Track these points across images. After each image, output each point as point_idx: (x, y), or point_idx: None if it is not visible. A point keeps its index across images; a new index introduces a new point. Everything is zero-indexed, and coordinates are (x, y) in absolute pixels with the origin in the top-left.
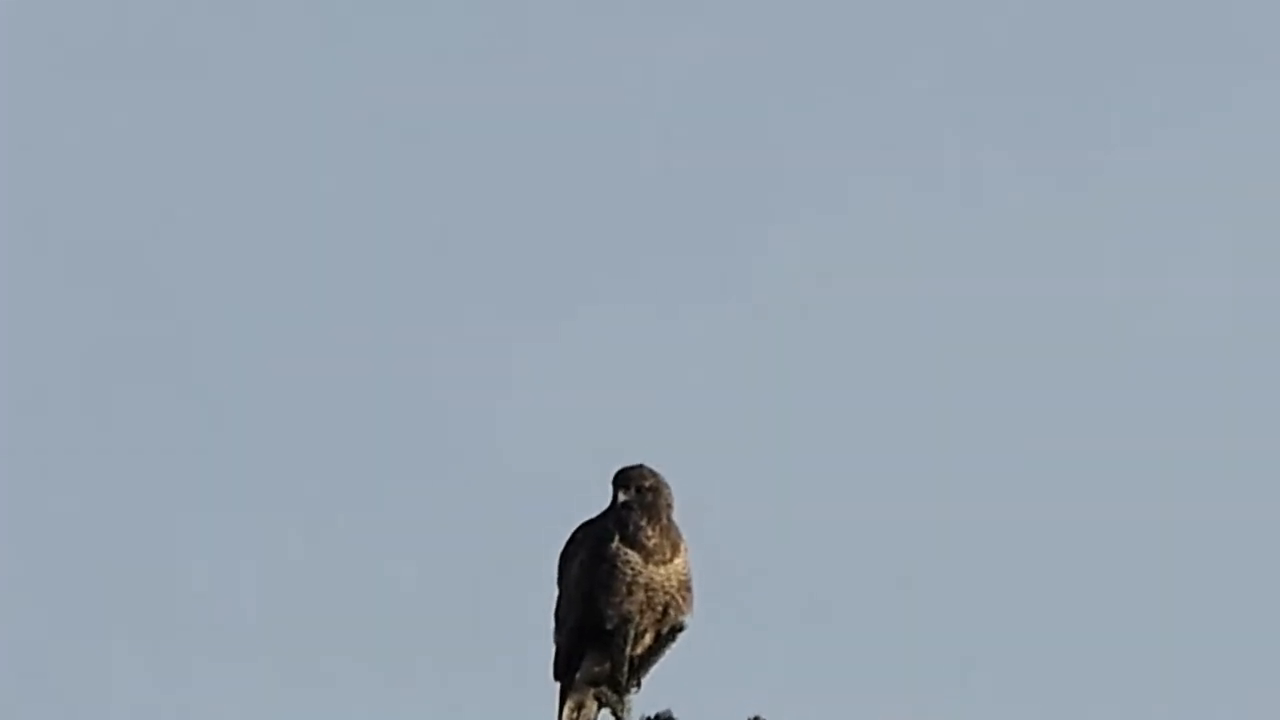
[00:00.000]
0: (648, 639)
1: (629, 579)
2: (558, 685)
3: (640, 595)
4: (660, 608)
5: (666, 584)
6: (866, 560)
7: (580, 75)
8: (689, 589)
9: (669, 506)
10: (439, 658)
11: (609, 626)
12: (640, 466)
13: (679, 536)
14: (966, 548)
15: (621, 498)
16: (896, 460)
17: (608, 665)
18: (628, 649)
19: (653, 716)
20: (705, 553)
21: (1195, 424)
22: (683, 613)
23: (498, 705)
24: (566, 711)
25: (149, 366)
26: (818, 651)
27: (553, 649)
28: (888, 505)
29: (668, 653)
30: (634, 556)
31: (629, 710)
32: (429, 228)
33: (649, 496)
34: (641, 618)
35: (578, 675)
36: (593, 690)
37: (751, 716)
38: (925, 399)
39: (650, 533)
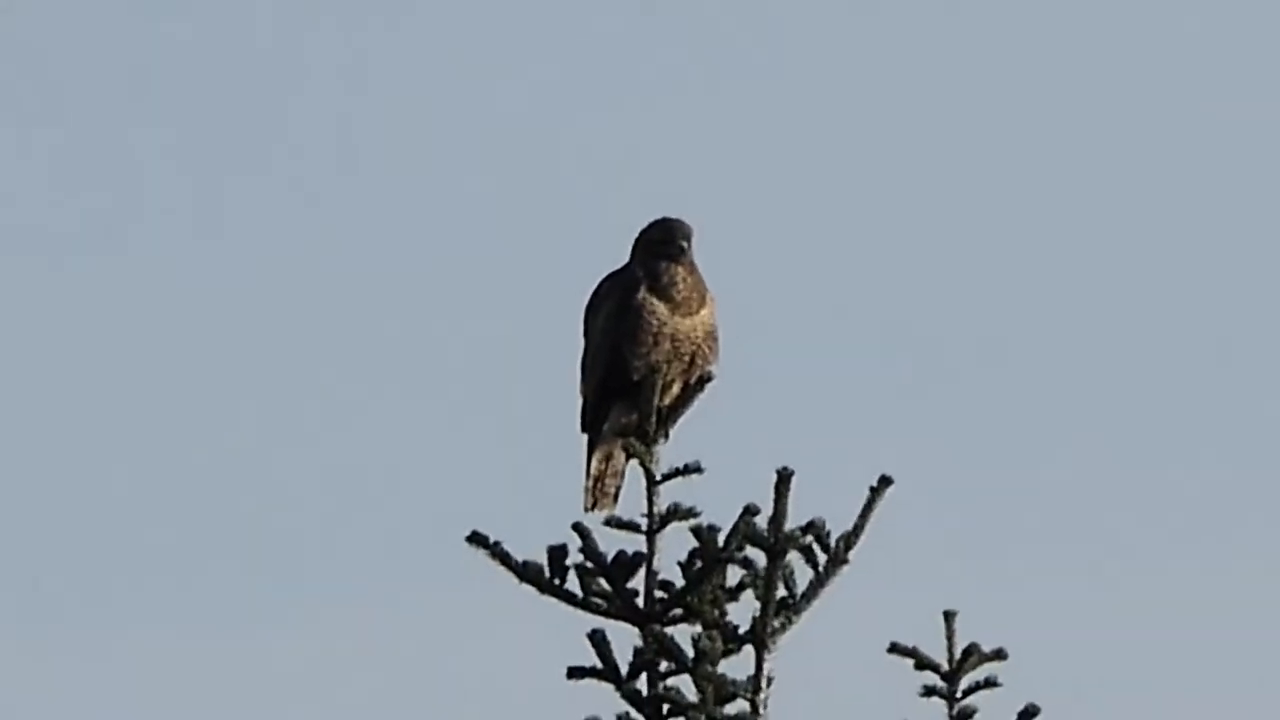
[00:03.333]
0: (675, 389)
1: (655, 329)
2: (585, 437)
3: (666, 345)
4: (687, 358)
5: (693, 334)
6: (884, 310)
7: None
8: (715, 339)
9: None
10: (468, 410)
11: (636, 377)
12: (682, 220)
13: (705, 288)
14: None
15: (685, 248)
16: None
17: (635, 416)
18: (655, 399)
19: (681, 467)
20: (728, 304)
21: None
22: (709, 362)
23: (527, 456)
24: (595, 463)
25: None
26: (840, 398)
27: (579, 401)
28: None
29: (695, 403)
30: (660, 307)
31: (657, 461)
32: None
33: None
34: (668, 368)
35: (605, 426)
36: (621, 441)
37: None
38: None
39: (681, 287)
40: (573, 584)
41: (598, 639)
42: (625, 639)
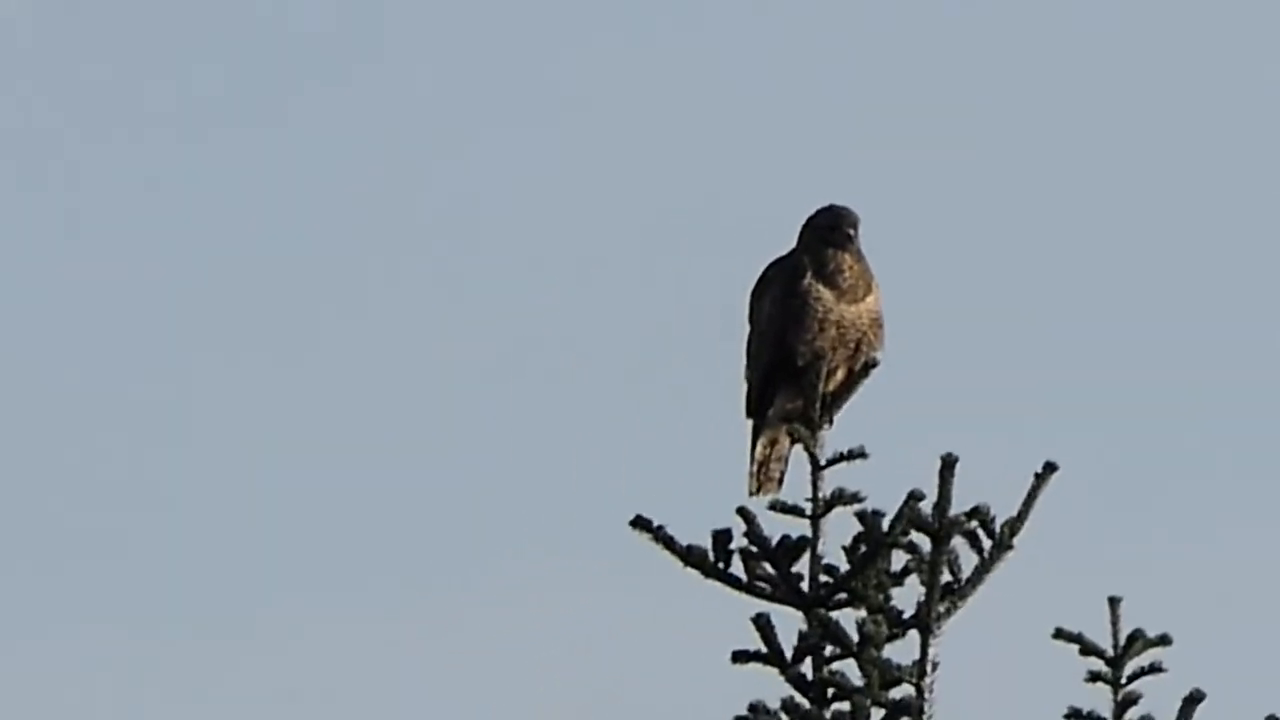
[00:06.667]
0: (840, 375)
1: (820, 315)
2: (750, 422)
3: (832, 332)
4: (852, 344)
5: (858, 321)
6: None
7: None
8: (880, 326)
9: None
10: (633, 396)
11: (801, 363)
12: (850, 208)
13: (871, 275)
14: None
15: (852, 235)
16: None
17: (800, 402)
18: (820, 385)
19: (845, 452)
20: (892, 291)
21: None
22: (874, 349)
23: (691, 441)
24: (760, 448)
25: None
26: (1006, 384)
27: (744, 386)
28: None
29: (860, 389)
30: (825, 293)
31: (821, 446)
32: None
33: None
34: (833, 354)
35: (770, 412)
36: (785, 427)
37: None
38: None
39: (847, 273)
40: (737, 568)
41: (762, 623)
42: (790, 624)
